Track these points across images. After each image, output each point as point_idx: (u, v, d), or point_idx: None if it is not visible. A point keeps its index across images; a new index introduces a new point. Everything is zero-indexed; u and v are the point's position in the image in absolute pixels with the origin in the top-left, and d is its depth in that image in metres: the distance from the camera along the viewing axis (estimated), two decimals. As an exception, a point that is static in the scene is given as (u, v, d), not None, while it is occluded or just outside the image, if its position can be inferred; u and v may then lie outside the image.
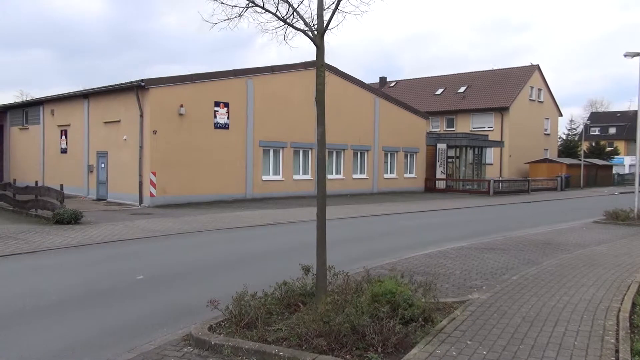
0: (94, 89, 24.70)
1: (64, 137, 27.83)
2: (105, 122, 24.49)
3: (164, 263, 10.55)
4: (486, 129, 45.47)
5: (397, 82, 57.28)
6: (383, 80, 57.93)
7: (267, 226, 16.46)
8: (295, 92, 27.54)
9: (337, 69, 29.84)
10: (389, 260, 10.31)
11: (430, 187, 35.82)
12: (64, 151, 27.87)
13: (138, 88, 21.95)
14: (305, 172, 28.64)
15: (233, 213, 19.30)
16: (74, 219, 15.07)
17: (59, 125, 28.12)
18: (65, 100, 27.38)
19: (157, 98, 22.16)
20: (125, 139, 23.20)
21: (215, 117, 24.15)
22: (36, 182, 18.76)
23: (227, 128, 24.63)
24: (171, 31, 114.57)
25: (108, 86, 23.70)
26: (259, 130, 25.91)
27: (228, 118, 24.63)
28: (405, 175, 34.58)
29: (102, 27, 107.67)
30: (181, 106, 22.74)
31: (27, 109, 31.08)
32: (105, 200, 24.14)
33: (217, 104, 24.20)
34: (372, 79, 57.88)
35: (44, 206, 16.49)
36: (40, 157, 29.72)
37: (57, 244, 12.25)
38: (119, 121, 23.66)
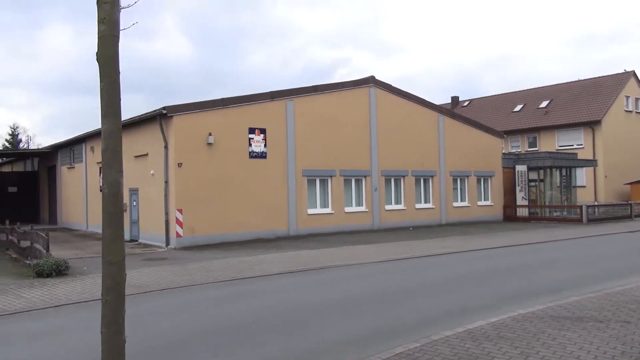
0: (123, 121, 22.82)
1: (102, 174, 26.25)
2: (136, 156, 22.53)
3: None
4: (575, 146, 39.90)
5: (470, 100, 52.74)
6: (455, 99, 53.62)
7: (305, 273, 13.20)
8: (343, 113, 24.45)
9: (391, 86, 26.50)
10: (403, 347, 6.64)
11: (510, 216, 31.10)
12: (102, 189, 26.26)
13: (161, 117, 19.75)
14: (359, 204, 25.21)
15: (262, 255, 16.23)
16: (55, 270, 12.63)
17: (97, 162, 26.66)
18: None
19: (182, 127, 19.83)
20: (152, 174, 21.03)
21: (250, 145, 21.48)
22: (31, 227, 16.70)
23: (265, 157, 21.85)
24: (258, 68, 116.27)
25: (135, 117, 21.76)
26: (301, 159, 22.93)
27: (265, 146, 21.87)
28: (479, 203, 30.17)
29: (194, 69, 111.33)
30: (210, 134, 20.27)
31: (73, 147, 30.14)
32: (137, 241, 21.98)
33: (252, 131, 21.54)
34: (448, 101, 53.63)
35: (33, 254, 14.28)
36: (83, 196, 28.44)
37: (11, 307, 9.68)
38: (146, 155, 21.59)
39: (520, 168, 31.67)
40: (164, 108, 19.47)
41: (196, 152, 20.06)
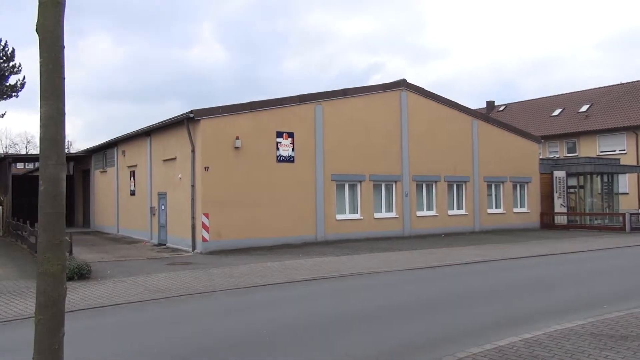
0: (153, 125, 22.94)
1: (132, 178, 26.46)
2: (164, 160, 22.54)
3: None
4: (617, 152, 38.26)
5: (506, 105, 51.38)
6: (490, 104, 52.32)
7: (338, 279, 12.76)
8: (373, 117, 23.94)
9: (423, 89, 25.86)
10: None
11: (547, 223, 29.93)
12: (132, 193, 26.45)
13: (188, 120, 19.64)
14: (389, 209, 24.60)
15: (288, 261, 15.84)
16: (77, 274, 12.52)
17: (128, 167, 26.87)
18: (133, 140, 26.07)
19: (209, 130, 19.67)
20: (180, 178, 20.95)
21: (277, 149, 21.17)
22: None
23: (292, 161, 21.51)
24: (293, 74, 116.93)
25: (163, 121, 21.75)
26: (330, 163, 22.50)
27: (293, 150, 21.54)
28: (515, 210, 29.12)
29: (231, 75, 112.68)
30: (237, 138, 20.06)
31: (106, 151, 30.48)
32: (165, 245, 21.92)
33: (279, 135, 21.24)
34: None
35: (58, 257, 14.22)
36: (114, 200, 28.68)
37: (25, 311, 9.54)
38: (174, 159, 21.54)
39: (559, 174, 30.47)
40: (191, 111, 19.35)
41: (223, 156, 19.86)
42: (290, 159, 21.44)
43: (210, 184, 19.57)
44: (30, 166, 53.63)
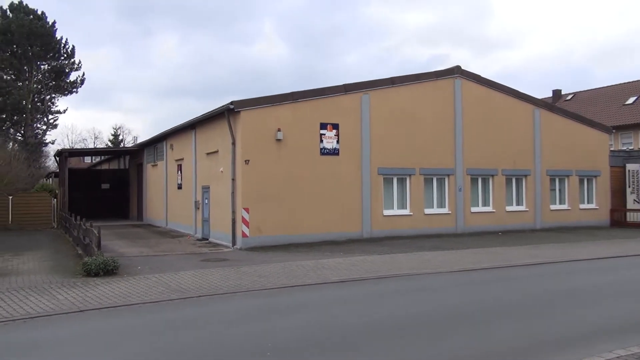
0: (197, 117, 22.61)
1: (179, 172, 26.36)
2: (208, 154, 22.17)
3: None
4: (700, 143, 34.84)
5: (574, 94, 48.11)
6: (557, 93, 49.18)
7: (382, 280, 11.79)
8: (424, 107, 22.57)
9: (480, 76, 24.20)
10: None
11: (618, 221, 27.47)
12: (179, 187, 26.35)
13: (228, 112, 19.08)
14: (441, 205, 23.18)
15: (325, 260, 14.92)
16: (102, 269, 12.14)
17: (176, 160, 26.79)
18: (180, 133, 25.92)
19: (250, 122, 19.03)
20: (221, 171, 20.47)
21: (321, 141, 20.27)
22: (90, 223, 16.48)
23: (337, 154, 20.55)
24: (352, 68, 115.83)
25: (206, 113, 21.34)
26: (377, 156, 21.36)
27: (338, 142, 20.56)
28: (582, 206, 26.87)
29: (291, 70, 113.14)
30: (278, 130, 19.31)
31: (157, 145, 30.65)
32: (208, 240, 21.57)
33: (323, 126, 20.33)
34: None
35: (89, 252, 13.99)
36: (164, 193, 28.76)
37: (34, 310, 9.13)
38: (217, 152, 21.09)
39: (632, 167, 27.89)
40: (231, 103, 18.78)
41: (264, 148, 19.18)
42: (334, 152, 20.49)
43: (251, 178, 18.95)
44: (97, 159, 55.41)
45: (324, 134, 20.34)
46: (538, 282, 12.04)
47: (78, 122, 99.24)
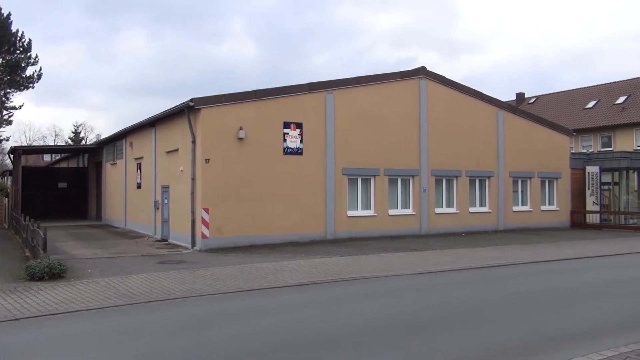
0: (156, 115, 21.88)
1: (139, 171, 25.53)
2: (168, 152, 21.49)
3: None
4: (656, 146, 35.79)
5: (537, 97, 48.98)
6: (520, 96, 49.98)
7: (338, 283, 11.41)
8: (389, 107, 22.40)
9: (445, 77, 24.19)
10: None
11: (578, 223, 27.91)
12: (139, 186, 25.53)
13: (188, 109, 18.48)
14: (405, 206, 23.05)
15: (285, 262, 14.50)
16: (47, 273, 11.44)
17: (135, 159, 25.95)
18: (139, 131, 25.10)
19: (210, 120, 18.47)
20: (181, 170, 19.83)
21: (284, 140, 19.85)
22: (38, 224, 15.70)
23: (301, 154, 20.16)
24: (322, 69, 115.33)
25: (166, 111, 20.66)
26: (342, 156, 21.07)
27: (301, 141, 20.18)
28: (543, 208, 27.19)
29: (260, 69, 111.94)
30: (240, 129, 18.80)
31: (116, 143, 29.68)
32: (167, 241, 20.88)
33: (287, 125, 19.91)
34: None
35: (36, 254, 13.24)
36: (123, 193, 27.85)
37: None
38: (177, 150, 20.44)
39: (592, 169, 28.38)
40: (191, 100, 18.18)
41: (226, 147, 18.65)
42: (298, 151, 20.10)
43: (211, 177, 18.39)
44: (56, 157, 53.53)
45: (288, 133, 19.93)
46: (501, 285, 11.92)
47: (39, 119, 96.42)
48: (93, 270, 13.10)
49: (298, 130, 20.12)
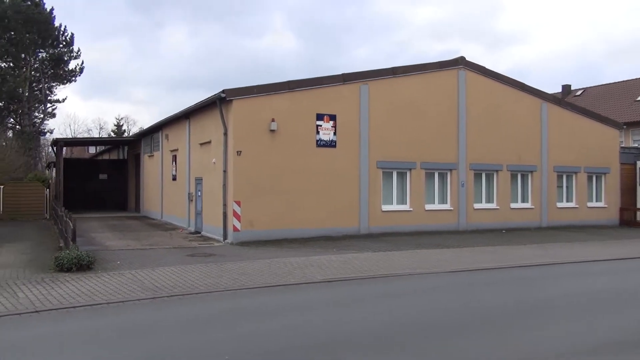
0: (190, 107, 21.82)
1: (174, 163, 25.62)
2: (201, 144, 21.40)
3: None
4: None
5: (584, 89, 46.91)
6: (567, 88, 47.97)
7: (376, 280, 10.97)
8: (427, 99, 21.66)
9: (485, 68, 23.26)
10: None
11: (628, 221, 26.47)
12: (174, 178, 25.62)
13: (220, 101, 18.27)
14: (442, 201, 22.30)
15: (316, 257, 14.10)
16: (75, 264, 11.39)
17: (171, 151, 26.05)
18: (175, 123, 25.16)
19: (242, 111, 18.23)
20: (214, 163, 19.69)
21: (317, 132, 19.43)
22: (69, 214, 15.76)
23: (334, 146, 19.71)
24: (362, 63, 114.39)
25: (199, 102, 20.55)
26: (376, 148, 20.50)
27: (335, 134, 19.72)
28: (590, 204, 25.91)
29: (300, 64, 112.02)
30: (272, 120, 18.49)
31: (153, 135, 29.91)
32: (200, 233, 20.83)
33: (320, 117, 19.48)
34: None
35: (67, 245, 13.27)
36: (159, 185, 28.05)
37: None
38: (210, 142, 20.32)
39: (643, 164, 26.84)
40: (223, 91, 17.95)
41: (258, 139, 18.37)
42: (331, 144, 19.65)
43: (243, 170, 18.16)
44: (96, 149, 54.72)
45: (321, 125, 19.50)
46: (544, 285, 11.20)
47: (84, 113, 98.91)
48: (122, 262, 13.04)
49: (331, 122, 19.67)
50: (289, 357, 6.20)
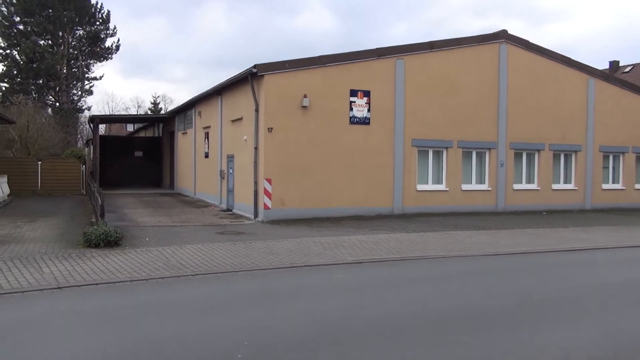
0: (222, 83, 21.52)
1: (206, 140, 25.50)
2: (232, 121, 21.13)
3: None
4: None
5: (634, 65, 44.68)
6: (615, 64, 45.82)
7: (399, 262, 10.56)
8: (465, 74, 20.78)
9: (528, 41, 22.15)
10: None
11: (678, 203, 25.08)
12: (206, 155, 25.52)
13: (252, 76, 17.89)
14: (480, 181, 21.51)
15: (347, 237, 13.70)
16: (103, 240, 11.30)
17: (203, 128, 25.93)
18: (207, 100, 24.95)
19: (274, 87, 17.80)
20: (245, 139, 19.41)
21: (351, 109, 18.87)
22: (98, 190, 15.77)
23: (368, 123, 19.13)
24: (400, 40, 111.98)
25: (230, 78, 20.22)
26: (412, 126, 19.82)
27: (369, 110, 19.12)
28: (637, 186, 24.63)
29: (337, 41, 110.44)
30: (305, 97, 18.01)
31: (186, 112, 29.86)
32: (231, 211, 20.69)
33: (353, 93, 18.89)
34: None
35: (97, 220, 13.22)
36: (192, 162, 28.06)
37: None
38: (241, 119, 20.02)
39: (697, 145, 25.25)
40: (254, 66, 17.55)
41: (289, 115, 17.95)
42: (365, 121, 19.07)
43: (274, 147, 17.82)
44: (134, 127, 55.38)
45: (354, 102, 18.92)
46: (586, 271, 10.52)
47: (123, 91, 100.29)
48: (150, 239, 12.93)
49: (365, 99, 19.06)
50: (312, 347, 5.82)
